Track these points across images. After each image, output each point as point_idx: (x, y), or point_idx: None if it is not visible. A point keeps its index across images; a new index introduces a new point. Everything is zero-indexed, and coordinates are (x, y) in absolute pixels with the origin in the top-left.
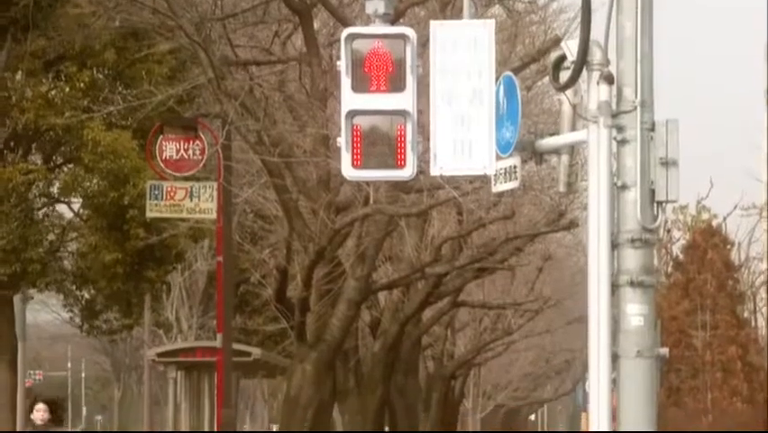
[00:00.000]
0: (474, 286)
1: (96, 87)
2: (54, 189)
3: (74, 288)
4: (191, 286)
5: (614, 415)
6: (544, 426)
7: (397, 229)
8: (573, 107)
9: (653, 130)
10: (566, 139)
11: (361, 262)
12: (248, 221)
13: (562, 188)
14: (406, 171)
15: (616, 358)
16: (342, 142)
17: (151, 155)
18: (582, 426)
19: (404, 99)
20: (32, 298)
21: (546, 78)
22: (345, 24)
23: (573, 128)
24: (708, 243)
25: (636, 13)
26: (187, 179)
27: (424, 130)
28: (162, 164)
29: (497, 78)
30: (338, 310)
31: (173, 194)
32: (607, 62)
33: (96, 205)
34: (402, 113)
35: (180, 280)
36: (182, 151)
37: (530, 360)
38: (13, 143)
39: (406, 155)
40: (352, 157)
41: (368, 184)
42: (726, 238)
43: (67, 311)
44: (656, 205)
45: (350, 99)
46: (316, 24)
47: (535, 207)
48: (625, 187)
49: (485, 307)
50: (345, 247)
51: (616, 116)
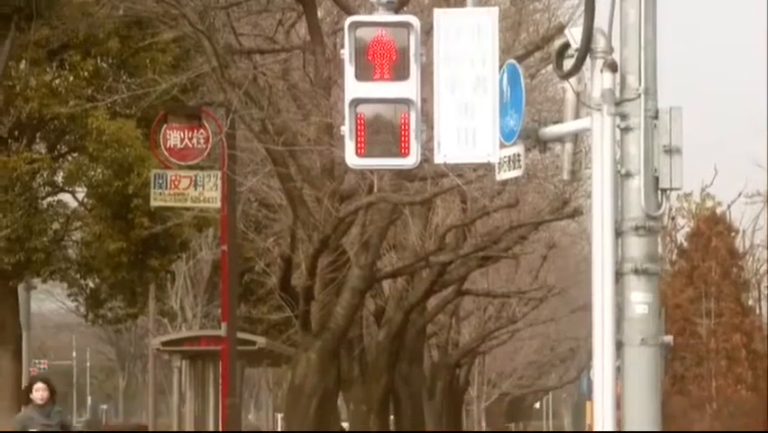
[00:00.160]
0: (478, 274)
1: (100, 76)
2: (58, 178)
3: (78, 277)
4: (196, 275)
5: (618, 403)
6: (549, 414)
7: (401, 217)
8: (577, 95)
9: (656, 117)
10: (570, 127)
11: (365, 250)
12: (252, 210)
13: (565, 176)
14: (410, 160)
15: (620, 346)
16: (346, 130)
17: (156, 144)
18: (587, 414)
19: (407, 87)
20: (35, 287)
21: (550, 66)
22: (349, 13)
23: (577, 116)
24: (713, 230)
25: (640, 0)
26: (191, 168)
27: (427, 118)
28: (166, 153)
29: (500, 66)
30: (342, 299)
31: (177, 183)
32: (610, 50)
33: (101, 194)
34: (406, 101)
35: (185, 269)
36: (186, 139)
37: (534, 348)
38: (17, 132)
39: (409, 143)
40: (356, 145)
41: (372, 172)
42: (731, 226)
43: (71, 300)
44: (660, 192)
45: (353, 88)
46: (320, 13)
47: (539, 196)
48: (629, 174)
49: (489, 295)
50: (349, 236)
51: (619, 104)
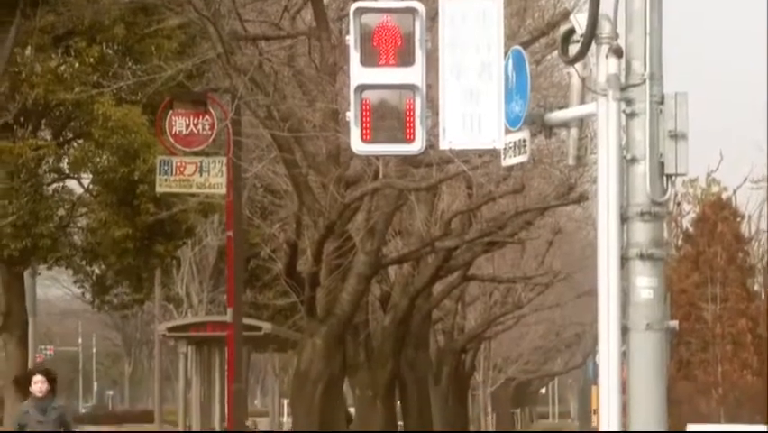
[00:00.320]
0: (484, 260)
1: (106, 63)
2: (64, 165)
3: (84, 263)
4: (201, 261)
5: (624, 388)
6: (555, 399)
7: (406, 203)
8: (582, 81)
9: (662, 103)
10: (575, 112)
11: (370, 236)
12: (258, 196)
13: (571, 162)
14: (416, 146)
15: (626, 331)
16: (352, 116)
17: (161, 130)
18: (593, 399)
19: (413, 73)
20: (40, 274)
21: (555, 52)
22: None
23: (582, 101)
24: (718, 216)
25: None
26: (196, 154)
27: (433, 104)
28: (172, 139)
29: (505, 52)
30: (348, 285)
31: (183, 169)
32: (616, 36)
33: (106, 180)
34: (411, 87)
35: (191, 254)
36: (192, 126)
37: (540, 333)
38: (22, 119)
39: (415, 129)
40: (362, 131)
41: (377, 158)
42: (736, 211)
43: (77, 287)
44: (666, 178)
45: (359, 73)
46: None
47: (545, 181)
48: (634, 160)
49: (495, 280)
50: (355, 221)
51: (625, 90)
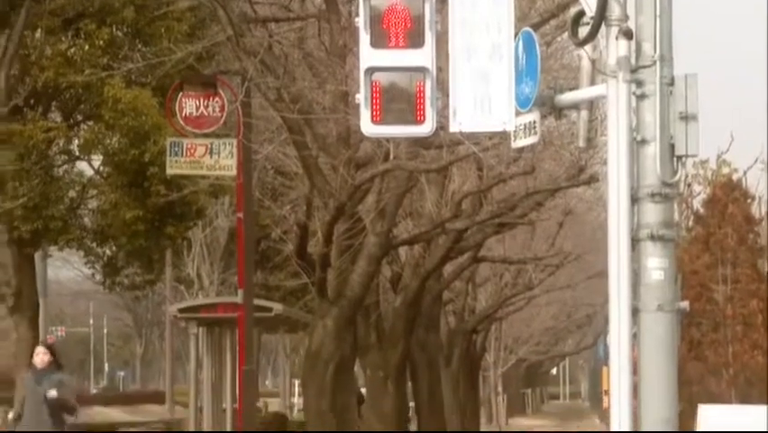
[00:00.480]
0: (495, 241)
1: (116, 45)
2: (74, 147)
3: (95, 245)
4: (212, 242)
5: (635, 369)
6: (566, 380)
7: (417, 185)
8: (592, 63)
9: (672, 85)
10: (585, 94)
11: (381, 217)
12: (268, 177)
13: (581, 144)
14: (426, 127)
15: (636, 312)
16: (362, 98)
17: (171, 112)
18: (603, 380)
19: (423, 55)
20: (50, 255)
21: (566, 34)
22: None
23: (593, 83)
24: (729, 197)
25: None
26: (207, 136)
27: (443, 86)
28: (182, 121)
29: (516, 34)
30: (359, 266)
31: (193, 151)
32: (625, 17)
33: (117, 162)
34: (421, 69)
35: (201, 236)
36: (202, 108)
37: (551, 314)
38: (33, 101)
39: (425, 111)
40: (372, 113)
41: (388, 140)
42: (747, 192)
43: (88, 268)
44: (676, 159)
45: (369, 55)
46: None
47: (556, 162)
48: (644, 141)
49: (506, 262)
50: (365, 203)
51: (635, 71)
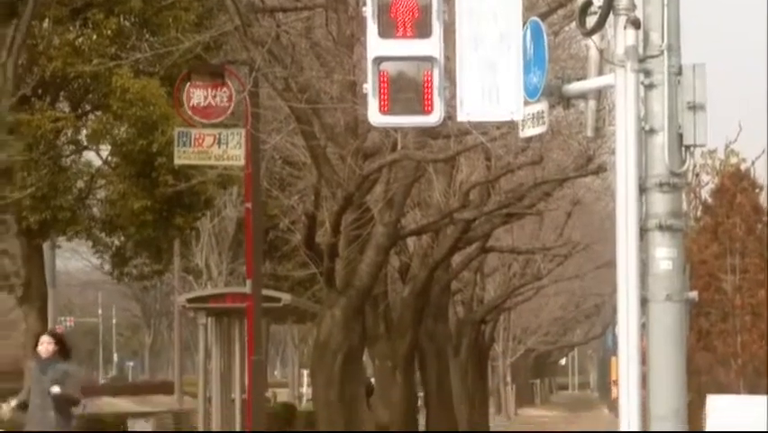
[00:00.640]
0: (503, 231)
1: (124, 35)
2: (82, 137)
3: (103, 235)
4: (220, 232)
5: (643, 359)
6: (575, 370)
7: (425, 175)
8: (600, 52)
9: (680, 74)
10: (593, 84)
11: (389, 207)
12: (276, 167)
13: (590, 133)
14: (434, 117)
15: (645, 302)
16: (369, 88)
17: (179, 102)
18: (612, 370)
19: (430, 45)
20: (59, 246)
21: (573, 23)
22: None
23: (601, 73)
24: (737, 187)
25: None
26: (215, 126)
27: (451, 75)
28: (190, 111)
29: (523, 24)
30: (367, 256)
31: (201, 141)
32: (633, 7)
33: (125, 152)
34: (429, 59)
35: (210, 226)
36: (210, 98)
37: (560, 304)
38: (41, 91)
39: (433, 101)
40: (379, 103)
41: (395, 130)
42: (755, 182)
43: (97, 258)
44: (684, 149)
45: (376, 45)
46: None
47: (564, 152)
48: (653, 131)
49: (514, 252)
50: (373, 193)
51: (643, 61)
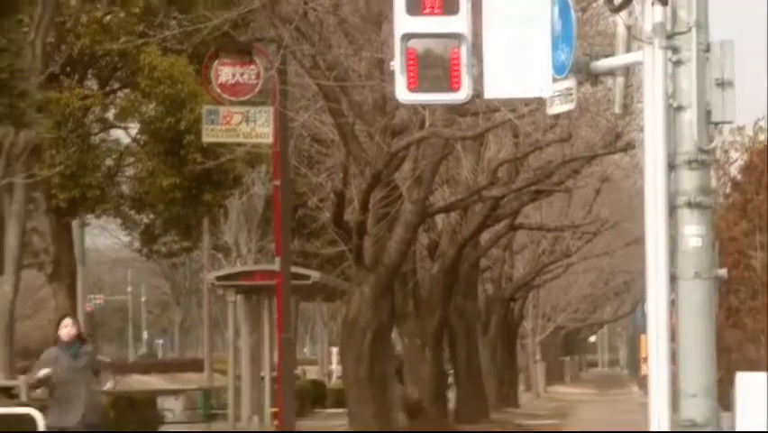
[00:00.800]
0: (531, 208)
1: (152, 12)
2: (110, 115)
3: (132, 212)
4: (249, 210)
5: (673, 336)
6: (604, 347)
7: (453, 152)
8: (628, 29)
9: (708, 51)
10: (621, 60)
11: (417, 185)
12: (305, 145)
13: (618, 110)
14: (461, 94)
15: (674, 279)
16: (397, 65)
17: (207, 80)
18: (641, 347)
19: (458, 22)
20: (88, 224)
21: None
22: None
23: (628, 49)
24: (766, 163)
25: None
26: (243, 104)
27: (479, 52)
28: (218, 89)
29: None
30: (395, 233)
31: (229, 119)
32: None
33: (153, 130)
34: (457, 35)
35: (238, 204)
36: (238, 75)
37: (589, 281)
38: (69, 69)
39: (461, 78)
40: (407, 80)
41: (423, 107)
42: None
43: (126, 235)
44: (712, 126)
45: (404, 22)
46: None
47: (592, 129)
48: (681, 108)
49: (543, 229)
50: (402, 171)
51: (671, 37)
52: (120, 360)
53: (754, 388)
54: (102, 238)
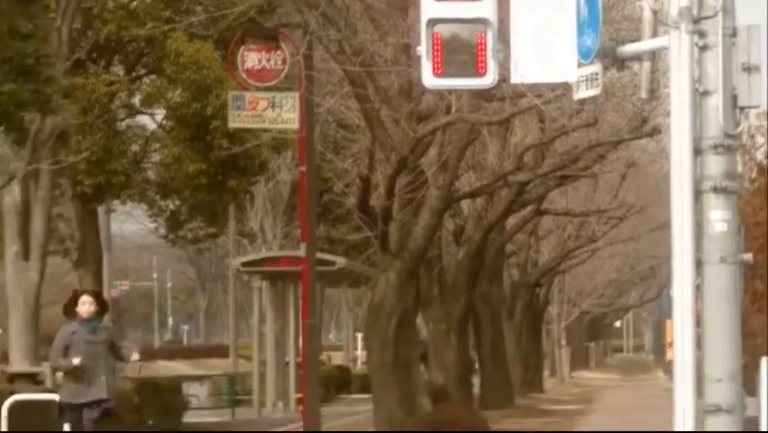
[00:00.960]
0: (557, 194)
1: None
2: (136, 101)
3: (158, 198)
4: (275, 196)
5: (698, 321)
6: (630, 332)
7: (479, 137)
8: (654, 13)
9: (734, 35)
10: (647, 45)
11: (443, 170)
12: (330, 130)
13: (644, 95)
14: (487, 79)
15: (699, 264)
16: (423, 50)
17: (233, 66)
18: (667, 332)
19: (484, 6)
20: (113, 210)
21: None
22: None
23: (655, 34)
24: None
25: None
26: (268, 90)
27: (504, 37)
28: (244, 75)
29: None
30: (421, 219)
31: (255, 104)
32: None
33: (179, 116)
34: (483, 20)
35: (264, 190)
36: (264, 61)
37: (614, 267)
38: (95, 55)
39: (487, 63)
40: (433, 65)
41: (449, 93)
42: None
43: (152, 221)
44: (739, 110)
45: (430, 7)
46: None
47: (618, 114)
48: (707, 93)
49: (568, 214)
50: (427, 156)
51: (697, 22)
52: (146, 346)
53: None
54: (128, 224)
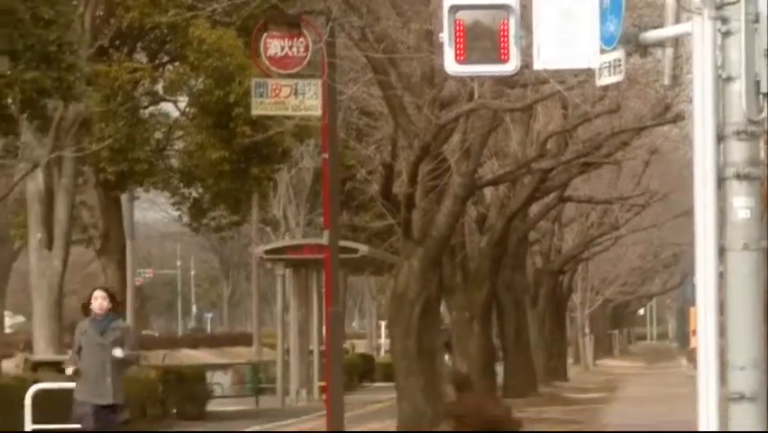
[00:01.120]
0: (580, 181)
1: None
2: (159, 88)
3: (181, 186)
4: (298, 183)
5: (722, 309)
6: (653, 320)
7: (502, 124)
8: (677, 0)
9: (757, 21)
10: (670, 31)
11: (465, 157)
12: (353, 118)
13: (667, 81)
14: (510, 66)
15: (723, 251)
16: (445, 37)
17: (256, 53)
18: (690, 320)
19: None
20: (137, 197)
21: None
22: None
23: (677, 20)
24: None
25: None
26: (291, 77)
27: (527, 23)
28: (267, 62)
29: None
30: (444, 206)
31: (278, 91)
32: None
33: (202, 103)
34: (505, 6)
35: (287, 177)
36: (286, 48)
37: (638, 254)
38: (118, 42)
39: (509, 49)
40: (456, 52)
41: (472, 79)
42: None
43: (175, 209)
44: (762, 97)
45: None
46: None
47: (641, 101)
48: (730, 79)
49: (591, 201)
50: (450, 143)
51: (720, 8)
52: (169, 334)
53: None
54: (151, 212)
